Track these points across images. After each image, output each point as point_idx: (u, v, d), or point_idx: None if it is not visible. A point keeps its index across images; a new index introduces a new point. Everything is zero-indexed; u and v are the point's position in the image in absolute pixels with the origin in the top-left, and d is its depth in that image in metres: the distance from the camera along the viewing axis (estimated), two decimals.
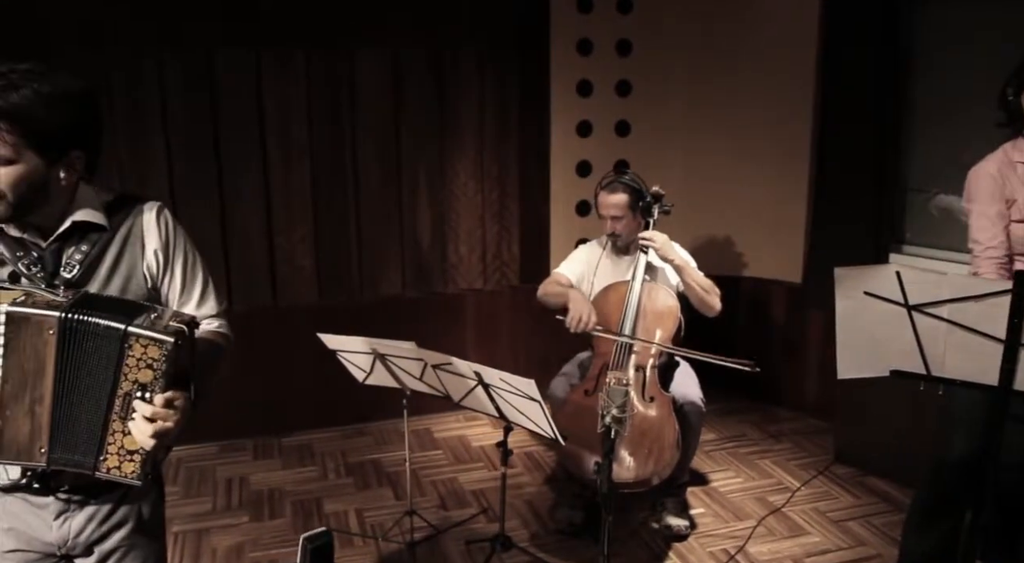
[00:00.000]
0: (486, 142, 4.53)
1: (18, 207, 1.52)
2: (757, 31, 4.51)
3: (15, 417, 1.48)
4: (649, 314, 3.32)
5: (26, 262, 1.58)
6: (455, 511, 3.63)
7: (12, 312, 1.43)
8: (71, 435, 1.50)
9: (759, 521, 3.50)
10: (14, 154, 1.47)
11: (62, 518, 1.69)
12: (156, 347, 1.47)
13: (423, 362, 2.85)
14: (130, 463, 1.52)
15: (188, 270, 1.75)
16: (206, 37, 3.99)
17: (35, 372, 1.47)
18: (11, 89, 1.44)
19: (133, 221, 1.68)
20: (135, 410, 1.49)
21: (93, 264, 1.62)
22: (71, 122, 1.53)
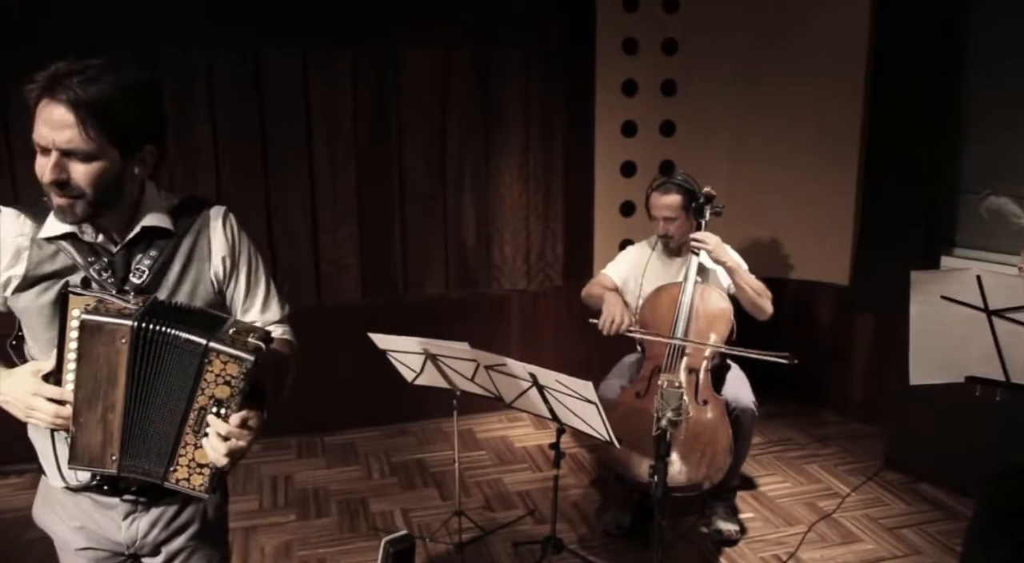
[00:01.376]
0: (531, 142, 4.51)
1: (96, 205, 1.51)
2: (806, 30, 4.44)
3: (88, 424, 1.48)
4: (702, 317, 3.28)
5: (97, 268, 1.57)
6: (501, 512, 3.61)
7: (86, 320, 1.42)
8: (143, 444, 1.50)
9: (810, 527, 3.44)
10: (96, 149, 1.45)
11: (130, 519, 1.70)
12: (236, 364, 1.45)
13: (476, 363, 2.83)
14: (199, 476, 1.52)
15: (252, 275, 1.74)
16: (254, 35, 4.01)
17: (107, 380, 1.46)
18: (90, 82, 1.42)
19: (200, 226, 1.67)
20: (209, 426, 1.48)
21: (162, 270, 1.61)
22: (145, 115, 1.52)
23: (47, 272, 1.56)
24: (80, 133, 1.42)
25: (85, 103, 1.41)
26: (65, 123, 1.42)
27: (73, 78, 1.42)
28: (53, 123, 1.43)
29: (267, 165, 4.14)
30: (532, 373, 2.63)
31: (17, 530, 3.51)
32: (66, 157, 1.45)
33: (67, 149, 1.44)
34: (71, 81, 1.41)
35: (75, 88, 1.41)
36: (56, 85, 1.42)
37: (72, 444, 1.48)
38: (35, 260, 1.56)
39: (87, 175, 1.47)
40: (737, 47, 4.62)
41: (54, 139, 1.43)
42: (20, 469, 4.04)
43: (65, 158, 1.45)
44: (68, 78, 1.42)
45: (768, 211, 4.69)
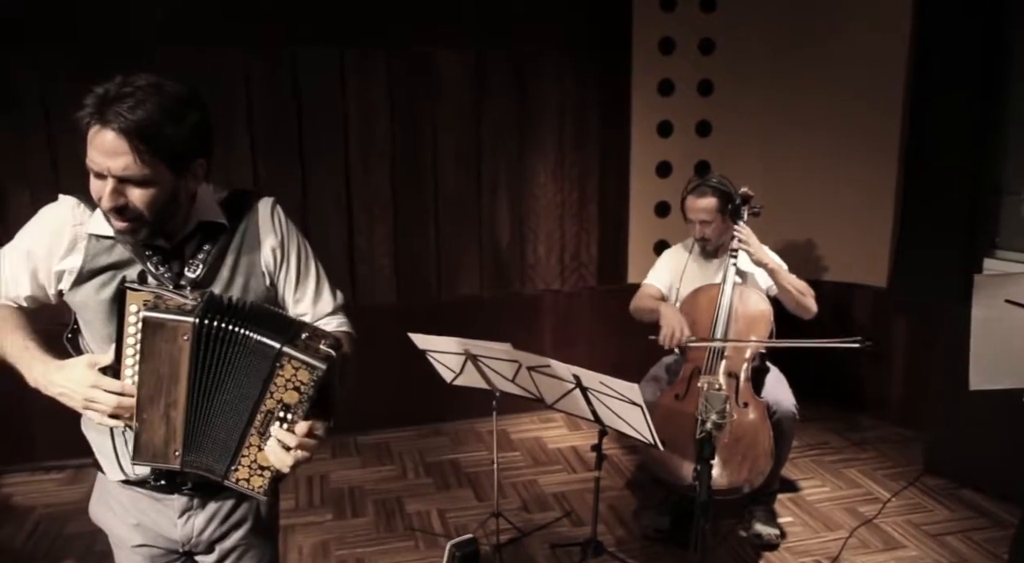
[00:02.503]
0: (566, 142, 4.50)
1: (155, 225, 1.52)
2: (845, 28, 4.39)
3: (151, 421, 1.48)
4: (741, 318, 3.25)
5: (154, 262, 1.58)
6: (537, 514, 3.60)
7: (148, 317, 1.42)
8: (206, 442, 1.50)
9: (851, 532, 3.40)
10: (151, 174, 1.45)
11: (186, 516, 1.71)
12: (307, 371, 1.45)
13: (518, 364, 2.82)
14: (259, 478, 1.52)
15: (302, 265, 1.73)
16: (290, 36, 4.03)
17: (170, 377, 1.46)
18: (138, 107, 1.42)
19: (249, 218, 1.68)
20: (274, 430, 1.48)
21: (215, 263, 1.62)
22: (194, 132, 1.51)
23: (104, 265, 1.57)
24: (135, 160, 1.43)
25: (136, 130, 1.41)
26: (119, 151, 1.42)
27: (123, 104, 1.41)
28: (106, 151, 1.42)
29: (303, 167, 4.16)
30: (576, 375, 2.62)
31: (59, 524, 3.56)
32: (122, 183, 1.45)
33: (123, 176, 1.44)
34: (121, 107, 1.41)
35: (125, 114, 1.40)
36: (106, 111, 1.41)
37: (136, 440, 1.49)
38: (92, 252, 1.57)
39: (144, 199, 1.47)
40: (774, 46, 4.58)
41: (109, 167, 1.43)
42: (60, 465, 4.08)
43: (121, 184, 1.45)
44: (118, 104, 1.41)
45: (804, 212, 4.64)
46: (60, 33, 3.78)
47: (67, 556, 3.31)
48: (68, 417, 4.27)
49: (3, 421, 4.02)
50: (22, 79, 3.79)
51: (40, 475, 4.04)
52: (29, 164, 3.87)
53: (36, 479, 4.01)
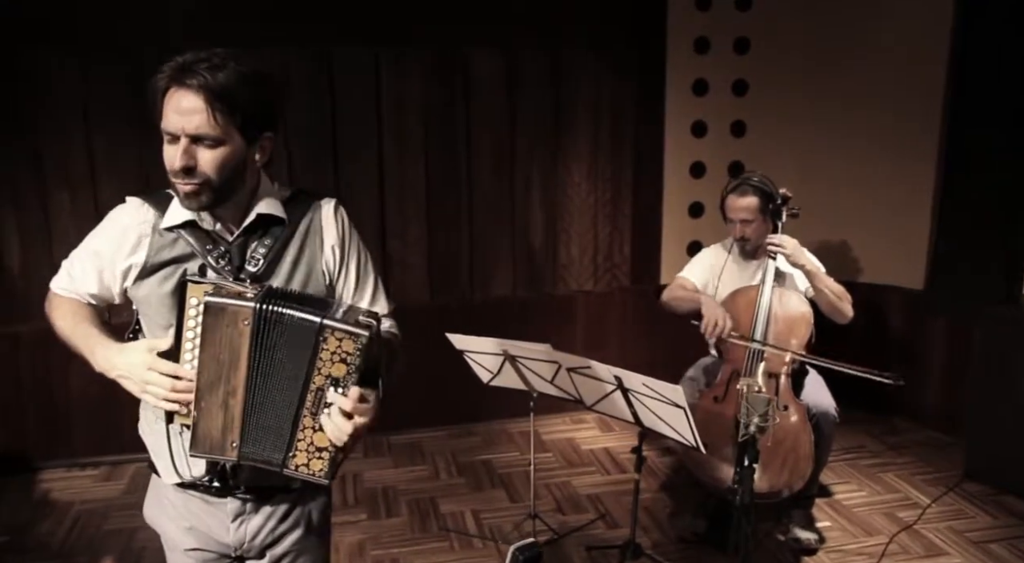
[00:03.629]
0: (600, 142, 4.48)
1: (219, 191, 1.53)
2: (884, 27, 4.34)
3: (209, 410, 1.49)
4: (781, 320, 3.22)
5: (215, 255, 1.59)
6: (572, 516, 3.59)
7: (210, 302, 1.44)
8: (262, 430, 1.50)
9: (891, 538, 3.35)
10: (222, 134, 1.48)
11: (239, 520, 1.70)
12: (351, 340, 1.45)
13: (557, 365, 2.81)
14: (319, 461, 1.51)
15: (361, 267, 1.74)
16: (326, 35, 4.04)
17: (229, 364, 1.47)
18: (217, 69, 1.46)
19: (312, 216, 1.69)
20: (328, 406, 1.48)
21: (276, 259, 1.63)
22: (265, 103, 1.55)
23: (167, 259, 1.59)
24: (209, 118, 1.46)
25: (213, 89, 1.45)
26: (195, 109, 1.46)
27: (201, 65, 1.46)
28: (183, 110, 1.46)
29: (337, 166, 4.17)
30: (617, 376, 2.60)
31: (98, 521, 3.59)
32: (194, 144, 1.48)
33: (196, 135, 1.47)
34: (199, 67, 1.45)
35: (204, 74, 1.45)
36: (185, 73, 1.46)
37: (193, 430, 1.49)
38: (155, 247, 1.60)
39: (213, 161, 1.50)
40: (810, 45, 4.53)
41: (183, 126, 1.46)
42: (96, 461, 4.13)
43: (193, 145, 1.48)
44: (196, 65, 1.46)
45: (838, 212, 4.59)
46: (100, 36, 3.82)
47: (107, 552, 3.34)
48: (104, 414, 4.33)
49: (42, 417, 4.07)
50: (62, 81, 3.83)
51: (76, 471, 4.08)
52: (69, 165, 3.91)
53: (73, 475, 4.05)
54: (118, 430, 4.14)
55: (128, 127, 3.92)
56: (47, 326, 1.71)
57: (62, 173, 3.92)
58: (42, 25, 3.76)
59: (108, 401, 4.09)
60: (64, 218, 3.96)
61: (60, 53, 3.80)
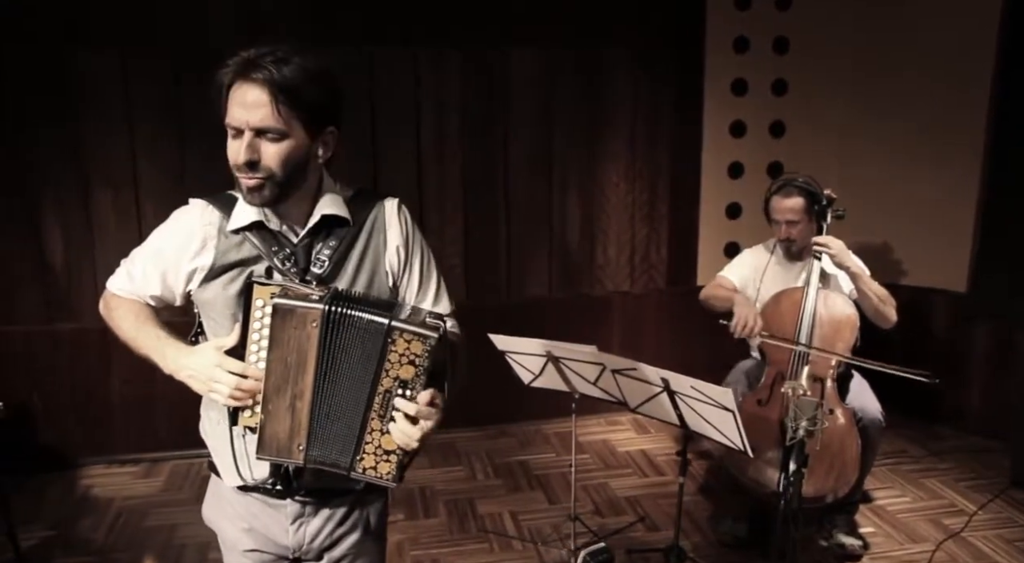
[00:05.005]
0: (637, 142, 4.45)
1: (283, 186, 1.52)
2: (928, 23, 4.27)
3: (276, 412, 1.48)
4: (826, 323, 3.17)
5: (281, 257, 1.58)
6: (611, 518, 3.56)
7: (278, 304, 1.43)
8: (329, 433, 1.49)
9: (937, 545, 3.30)
10: (286, 127, 1.48)
11: (298, 523, 1.70)
12: (419, 342, 1.44)
13: (601, 366, 2.79)
14: (386, 464, 1.50)
15: (424, 267, 1.72)
16: (365, 35, 4.05)
17: (297, 366, 1.46)
18: (282, 63, 1.46)
19: (375, 216, 1.67)
20: (396, 409, 1.47)
21: (340, 260, 1.61)
22: (329, 98, 1.54)
23: (233, 261, 1.58)
24: (272, 111, 1.45)
25: (277, 82, 1.44)
26: (259, 102, 1.45)
27: (266, 59, 1.45)
28: (247, 104, 1.46)
29: (375, 166, 4.17)
30: (665, 378, 2.57)
31: (138, 517, 3.62)
32: (258, 137, 1.48)
33: (260, 128, 1.47)
34: (265, 61, 1.45)
35: (269, 67, 1.44)
36: (250, 67, 1.45)
37: (260, 433, 1.49)
38: (222, 249, 1.59)
39: (277, 155, 1.49)
40: (852, 45, 4.48)
41: (248, 119, 1.46)
42: (136, 458, 4.16)
43: (257, 138, 1.48)
44: (261, 59, 1.45)
45: (879, 214, 4.52)
46: (142, 35, 3.85)
47: (148, 549, 3.36)
48: (143, 412, 4.36)
49: (82, 414, 4.11)
50: (104, 81, 3.87)
51: (116, 468, 4.12)
52: (110, 164, 3.95)
53: (113, 472, 4.09)
54: (156, 428, 4.19)
55: (169, 126, 3.95)
56: (88, 324, 1.72)
57: (104, 172, 3.95)
58: (85, 25, 3.79)
59: (146, 399, 4.14)
60: (106, 216, 4.00)
61: (103, 53, 3.83)
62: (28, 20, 3.74)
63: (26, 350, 4.00)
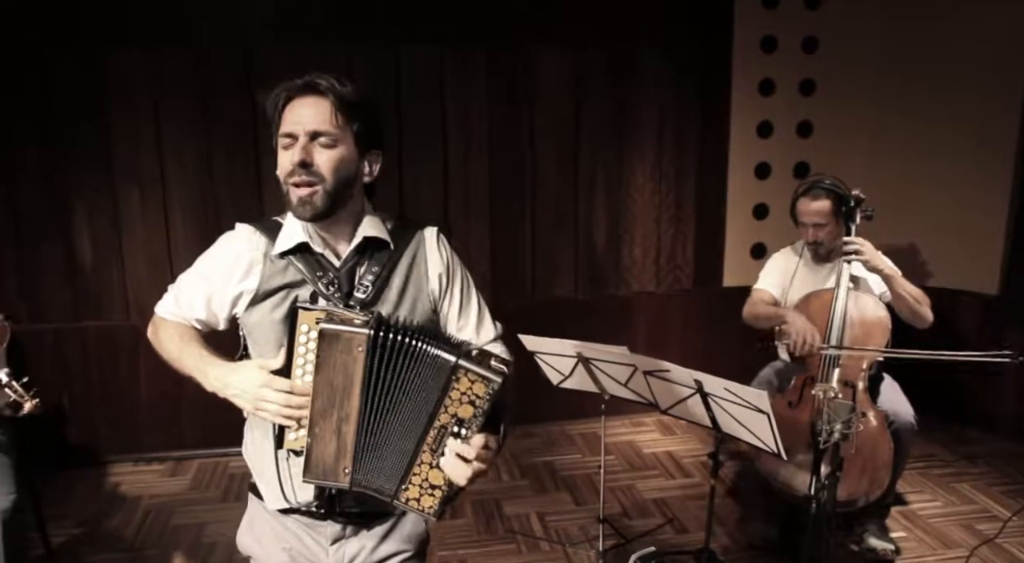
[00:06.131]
0: (664, 142, 4.43)
1: (333, 197, 1.55)
2: (961, 26, 4.22)
3: (323, 435, 1.49)
4: (857, 325, 3.14)
5: (324, 282, 1.60)
6: (638, 520, 3.54)
7: (325, 329, 1.45)
8: (377, 459, 1.50)
9: (971, 551, 3.25)
10: (340, 135, 1.53)
11: (338, 544, 1.69)
12: (483, 384, 1.44)
13: (633, 368, 2.77)
14: (430, 497, 1.50)
15: (465, 293, 1.74)
16: (392, 35, 4.05)
17: (343, 389, 1.47)
18: (341, 83, 1.55)
19: (417, 244, 1.69)
20: (447, 446, 1.47)
21: (383, 285, 1.63)
22: (377, 121, 1.60)
23: (278, 285, 1.60)
24: (330, 117, 1.51)
25: (337, 93, 1.51)
26: (317, 108, 1.51)
27: (328, 76, 1.53)
28: (304, 109, 1.52)
29: (401, 165, 4.18)
30: (698, 380, 2.55)
31: (166, 515, 3.64)
32: (312, 142, 1.52)
33: (316, 131, 1.51)
34: (325, 78, 1.52)
35: (330, 81, 1.52)
36: (310, 84, 1.53)
37: (307, 456, 1.49)
38: (267, 273, 1.61)
39: (330, 160, 1.53)
40: (881, 45, 4.44)
41: (303, 122, 1.51)
42: (162, 457, 4.19)
43: (311, 143, 1.52)
44: (322, 77, 1.53)
45: (910, 215, 4.47)
46: (172, 35, 3.87)
47: (177, 546, 3.38)
48: (169, 411, 4.40)
49: (110, 412, 4.14)
50: (134, 81, 3.89)
51: (143, 466, 4.14)
52: (139, 163, 3.97)
53: (140, 469, 4.11)
54: (182, 427, 4.21)
55: (197, 127, 3.97)
56: (116, 322, 1.74)
57: (132, 172, 3.98)
58: (117, 26, 3.82)
59: (172, 398, 4.16)
60: (134, 217, 4.02)
61: (134, 54, 3.86)
62: (67, 22, 3.77)
63: (56, 349, 4.04)
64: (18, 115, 3.81)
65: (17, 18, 3.72)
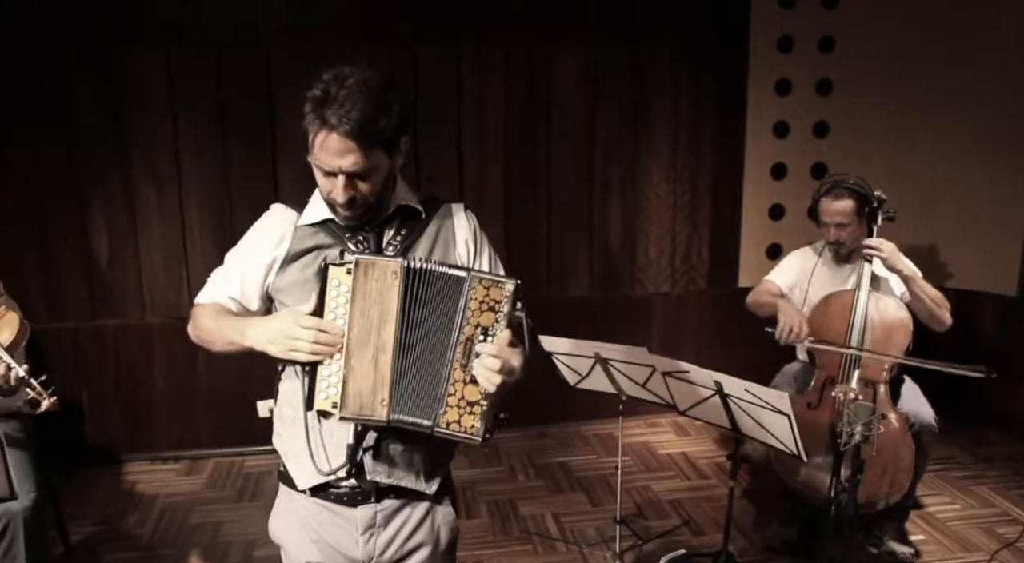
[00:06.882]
0: (679, 142, 4.41)
1: (375, 206, 1.61)
2: (981, 18, 4.18)
3: (359, 366, 1.51)
4: (878, 326, 3.12)
5: (354, 241, 1.64)
6: (655, 521, 3.53)
7: (361, 258, 1.50)
8: (412, 386, 1.52)
9: (992, 555, 3.23)
10: (374, 163, 1.54)
11: (368, 534, 1.69)
12: (498, 288, 1.48)
13: (651, 369, 2.76)
14: (470, 416, 1.51)
15: (492, 264, 1.76)
16: (409, 35, 4.05)
17: (379, 318, 1.50)
18: (354, 107, 1.48)
19: (444, 214, 1.73)
20: (478, 355, 1.48)
21: (410, 246, 1.66)
22: (399, 114, 1.56)
23: (308, 246, 1.66)
24: (361, 156, 1.52)
25: (358, 130, 1.48)
26: (345, 150, 1.51)
27: (342, 108, 1.48)
28: (334, 152, 1.52)
29: (418, 164, 4.16)
30: (718, 381, 2.54)
31: (182, 514, 3.65)
32: (351, 178, 1.54)
33: (352, 172, 1.53)
34: (340, 111, 1.47)
35: (345, 117, 1.47)
36: (327, 115, 1.48)
37: (343, 390, 1.51)
38: (298, 237, 1.67)
39: (371, 187, 1.57)
40: (898, 45, 4.40)
41: (339, 165, 1.52)
42: (177, 456, 4.19)
43: (351, 179, 1.55)
44: (336, 107, 1.48)
45: (927, 216, 4.43)
46: (188, 34, 3.88)
47: (194, 545, 3.38)
48: (185, 409, 4.41)
49: (126, 410, 4.15)
50: (150, 80, 3.90)
51: (159, 465, 4.16)
52: (156, 162, 3.98)
53: (156, 468, 4.12)
54: (197, 426, 4.22)
55: (214, 125, 3.98)
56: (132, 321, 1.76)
57: (149, 171, 3.99)
58: (133, 25, 3.83)
59: (188, 397, 4.17)
60: (150, 216, 4.03)
61: (150, 52, 3.87)
62: (85, 22, 3.78)
63: (74, 348, 4.05)
64: (36, 115, 3.82)
65: (35, 19, 3.74)
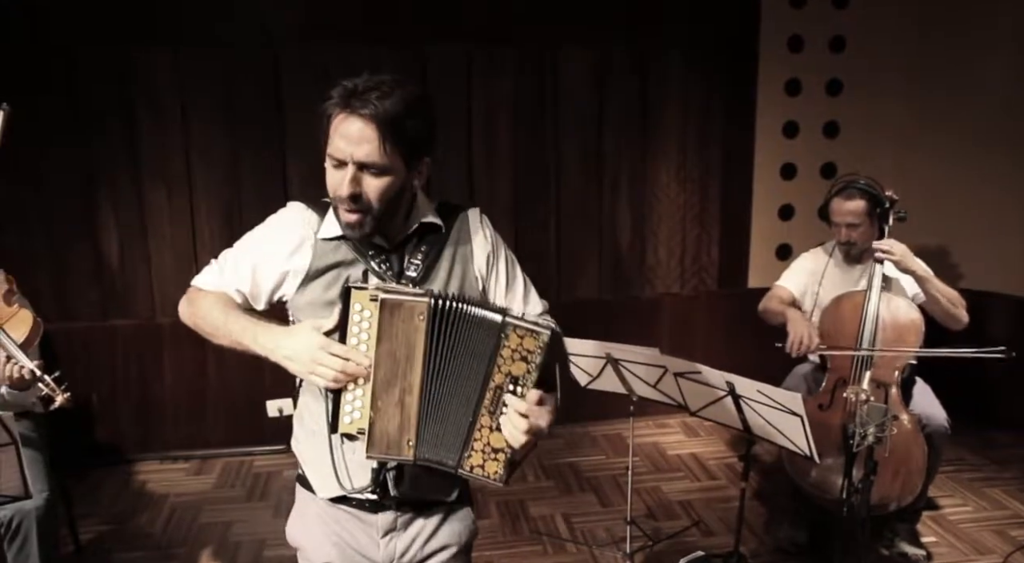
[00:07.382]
0: (689, 142, 4.41)
1: (379, 220, 1.54)
2: (991, 18, 4.17)
3: (386, 408, 1.49)
4: (890, 327, 3.10)
5: (377, 261, 1.60)
6: (665, 522, 3.52)
7: (385, 299, 1.45)
8: (438, 429, 1.50)
9: (1005, 558, 3.21)
10: (389, 163, 1.48)
11: (388, 536, 1.68)
12: (532, 339, 1.44)
13: (663, 369, 2.75)
14: (494, 462, 1.49)
15: (510, 270, 1.74)
16: (420, 35, 4.05)
17: (405, 359, 1.47)
18: (386, 97, 1.45)
19: (461, 224, 1.70)
20: (506, 405, 1.46)
21: (432, 264, 1.63)
22: (428, 127, 1.54)
23: (330, 263, 1.60)
24: (379, 148, 1.46)
25: (383, 118, 1.44)
26: (364, 137, 1.45)
27: (371, 93, 1.44)
28: (352, 137, 1.46)
29: None
30: (730, 382, 2.54)
31: (192, 513, 3.65)
32: (361, 171, 1.48)
33: (364, 162, 1.47)
34: (370, 96, 1.44)
35: (374, 102, 1.43)
36: (355, 100, 1.45)
37: (370, 431, 1.49)
38: (319, 252, 1.60)
39: (378, 189, 1.50)
40: (909, 45, 4.39)
41: (352, 152, 1.46)
42: (187, 455, 4.20)
43: (360, 172, 1.48)
44: (367, 93, 1.44)
45: (938, 217, 4.41)
46: (199, 35, 3.89)
47: (205, 544, 3.39)
48: (194, 409, 4.41)
49: (136, 410, 4.16)
50: (161, 81, 3.91)
51: (168, 464, 4.16)
52: (166, 162, 3.99)
53: (165, 468, 4.13)
54: (207, 425, 4.23)
55: (223, 126, 3.99)
56: (142, 321, 1.71)
57: (159, 171, 4.00)
58: (145, 26, 3.84)
59: (198, 397, 4.18)
60: (160, 215, 4.04)
61: (161, 54, 3.88)
62: (96, 23, 3.79)
63: (85, 348, 4.06)
64: (46, 115, 3.83)
65: (46, 18, 3.75)
